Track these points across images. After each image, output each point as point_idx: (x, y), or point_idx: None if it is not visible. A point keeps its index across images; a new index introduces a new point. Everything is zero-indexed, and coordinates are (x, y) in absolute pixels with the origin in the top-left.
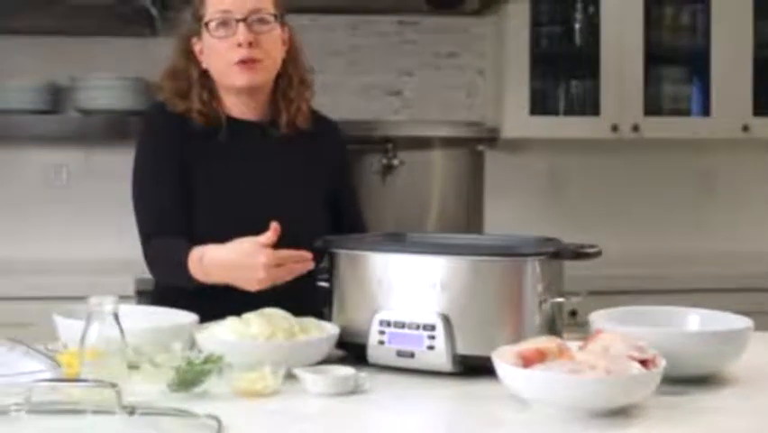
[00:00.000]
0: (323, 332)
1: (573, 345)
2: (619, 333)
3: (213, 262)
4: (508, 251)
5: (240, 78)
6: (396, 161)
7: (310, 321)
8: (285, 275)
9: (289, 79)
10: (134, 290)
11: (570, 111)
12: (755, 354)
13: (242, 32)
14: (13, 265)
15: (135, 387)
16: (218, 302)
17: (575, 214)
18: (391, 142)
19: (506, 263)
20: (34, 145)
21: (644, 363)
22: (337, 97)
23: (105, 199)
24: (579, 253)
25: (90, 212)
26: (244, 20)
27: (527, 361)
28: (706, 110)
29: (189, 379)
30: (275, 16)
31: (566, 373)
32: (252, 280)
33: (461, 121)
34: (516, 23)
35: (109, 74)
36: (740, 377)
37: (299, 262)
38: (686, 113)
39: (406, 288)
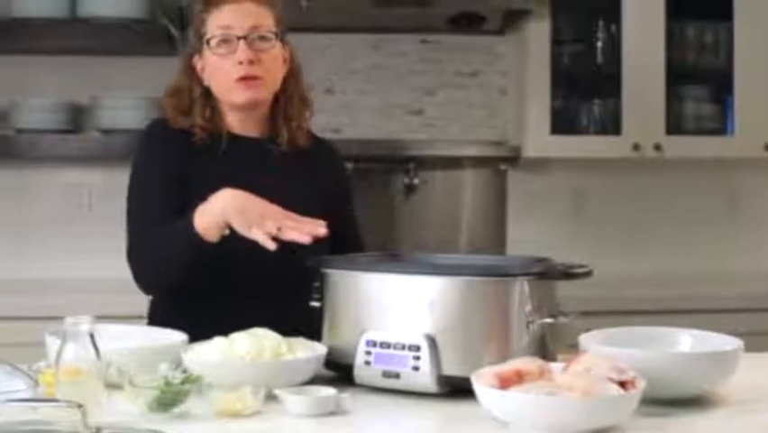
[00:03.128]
0: (310, 352)
1: (558, 366)
2: (604, 354)
3: (216, 200)
4: (495, 271)
5: (240, 96)
6: (417, 181)
7: (299, 341)
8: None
9: (290, 98)
10: None
11: (591, 130)
12: (749, 374)
13: (242, 50)
14: (35, 285)
15: (118, 407)
16: (211, 321)
17: (597, 233)
18: (413, 161)
19: (492, 284)
20: (55, 165)
21: (623, 384)
22: (358, 117)
23: (125, 219)
24: (568, 274)
25: (111, 232)
26: (245, 37)
27: (505, 382)
28: (728, 129)
29: (168, 399)
30: (276, 34)
31: (542, 394)
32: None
33: (483, 140)
34: (538, 41)
35: (130, 93)
36: (730, 398)
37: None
38: (708, 132)
39: (392, 308)
